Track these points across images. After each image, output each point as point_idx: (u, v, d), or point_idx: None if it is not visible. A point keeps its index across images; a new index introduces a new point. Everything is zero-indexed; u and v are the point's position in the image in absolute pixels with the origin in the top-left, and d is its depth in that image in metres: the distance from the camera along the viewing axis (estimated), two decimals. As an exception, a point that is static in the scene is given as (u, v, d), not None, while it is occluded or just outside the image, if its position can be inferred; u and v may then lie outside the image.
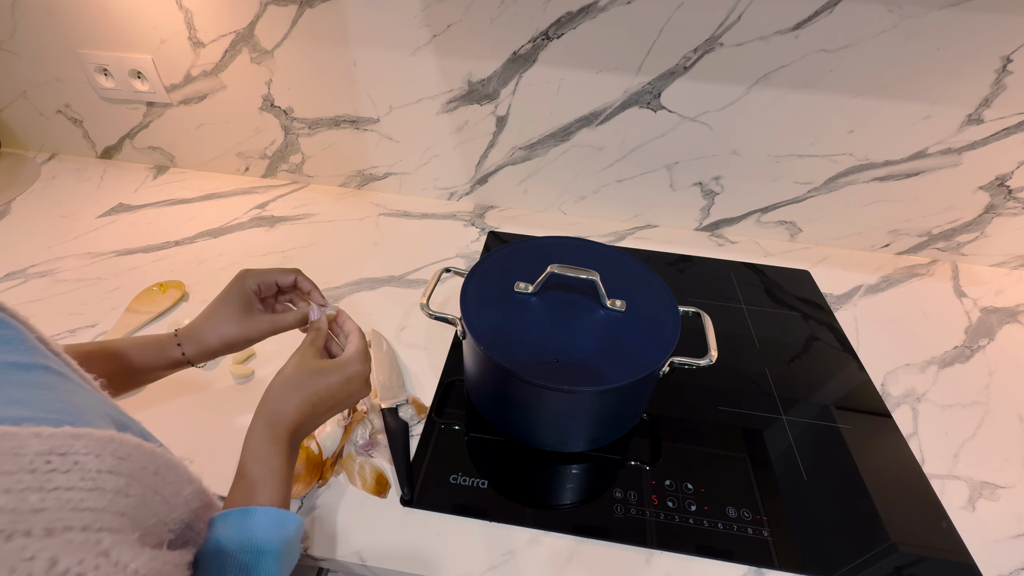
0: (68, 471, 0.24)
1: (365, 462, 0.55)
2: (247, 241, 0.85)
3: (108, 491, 0.25)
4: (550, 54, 0.76)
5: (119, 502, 0.25)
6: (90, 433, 0.25)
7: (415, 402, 0.61)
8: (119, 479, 0.26)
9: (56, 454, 0.24)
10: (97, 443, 0.25)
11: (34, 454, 0.23)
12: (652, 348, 0.52)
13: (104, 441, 0.26)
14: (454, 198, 0.97)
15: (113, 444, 0.26)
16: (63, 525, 0.22)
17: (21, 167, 0.98)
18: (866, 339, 0.75)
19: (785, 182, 0.85)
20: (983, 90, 0.71)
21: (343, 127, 0.90)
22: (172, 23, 0.81)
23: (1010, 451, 0.62)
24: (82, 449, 0.25)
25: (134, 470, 0.27)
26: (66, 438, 0.24)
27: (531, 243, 0.64)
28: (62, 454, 0.24)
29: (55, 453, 0.23)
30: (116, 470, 0.26)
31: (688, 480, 0.56)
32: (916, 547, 0.52)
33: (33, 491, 0.22)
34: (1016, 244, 0.86)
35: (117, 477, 0.26)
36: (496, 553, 0.50)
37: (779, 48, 0.71)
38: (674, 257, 0.88)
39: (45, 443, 0.23)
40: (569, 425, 0.56)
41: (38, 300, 0.72)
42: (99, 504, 0.24)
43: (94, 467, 0.25)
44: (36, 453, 0.23)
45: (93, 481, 0.24)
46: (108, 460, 0.26)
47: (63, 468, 0.23)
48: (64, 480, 0.23)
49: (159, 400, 0.61)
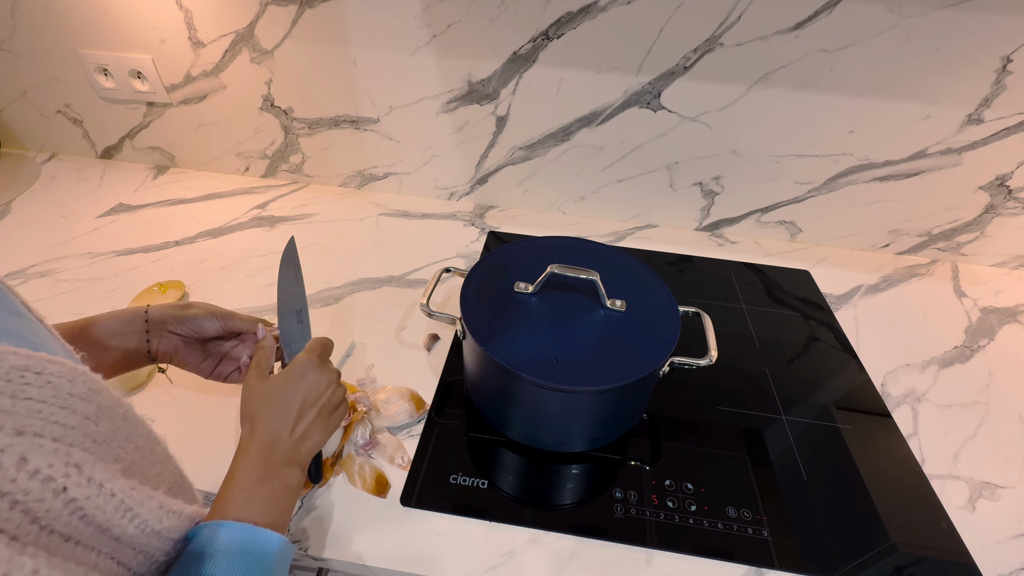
0: (41, 387, 0.24)
1: (365, 462, 0.55)
2: (247, 241, 0.85)
3: (79, 413, 0.26)
4: (550, 54, 0.76)
5: (90, 427, 0.26)
6: (65, 362, 0.26)
7: (414, 398, 0.61)
8: (89, 406, 0.26)
9: (31, 371, 0.24)
10: (71, 371, 0.26)
11: (9, 367, 0.23)
12: (652, 348, 0.52)
13: (78, 371, 0.27)
14: (454, 198, 0.97)
15: (86, 376, 0.27)
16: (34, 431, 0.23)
17: (21, 167, 0.98)
18: (866, 339, 0.75)
19: (785, 182, 0.85)
20: (983, 90, 0.71)
21: (343, 127, 0.90)
22: (172, 23, 0.81)
23: (1010, 451, 0.62)
24: (56, 372, 0.25)
25: (104, 405, 0.28)
26: (42, 360, 0.25)
27: (531, 243, 0.64)
28: (37, 372, 0.24)
29: (30, 371, 0.24)
30: (87, 398, 0.26)
31: (688, 480, 0.56)
32: (916, 547, 0.52)
33: (6, 396, 0.23)
34: (1016, 244, 0.86)
35: (88, 404, 0.26)
36: (496, 553, 0.50)
37: (779, 48, 0.71)
38: (674, 257, 0.88)
39: (21, 360, 0.24)
40: (569, 425, 0.56)
41: (38, 300, 0.72)
42: (70, 422, 0.25)
43: (66, 390, 0.25)
44: (12, 367, 0.24)
45: (65, 401, 0.25)
46: (80, 387, 0.26)
47: (37, 384, 0.24)
48: (37, 393, 0.24)
49: (152, 397, 0.61)
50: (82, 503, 0.24)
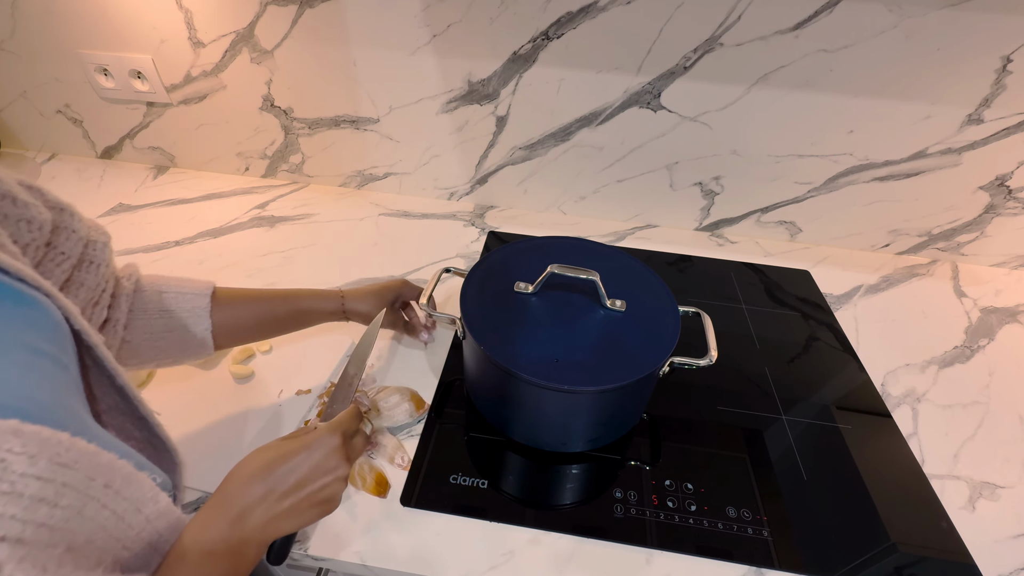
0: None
1: (365, 462, 0.55)
2: (247, 241, 0.85)
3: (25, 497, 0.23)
4: (550, 54, 0.76)
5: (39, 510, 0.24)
6: (38, 432, 0.24)
7: (414, 397, 0.61)
8: (46, 486, 0.24)
9: None
10: (38, 444, 0.24)
11: None
12: (652, 348, 0.52)
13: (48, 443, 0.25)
14: (454, 198, 0.97)
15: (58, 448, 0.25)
16: None
17: (21, 167, 0.98)
18: (866, 339, 0.75)
19: (785, 182, 0.85)
20: (983, 90, 0.71)
21: (343, 127, 0.90)
22: (172, 23, 0.81)
23: (1010, 451, 0.62)
24: (16, 447, 0.24)
25: (75, 479, 0.26)
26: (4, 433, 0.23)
27: (531, 243, 0.64)
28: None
29: None
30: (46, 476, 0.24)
31: (688, 480, 0.56)
32: (916, 547, 0.52)
33: None
34: (1016, 244, 0.86)
35: (44, 484, 0.24)
36: (496, 553, 0.50)
37: (779, 48, 0.71)
38: (674, 257, 0.88)
39: None
40: (569, 425, 0.56)
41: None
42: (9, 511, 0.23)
43: (20, 469, 0.23)
44: None
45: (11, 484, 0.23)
46: (42, 464, 0.24)
47: None
48: None
49: (157, 400, 0.61)
50: None
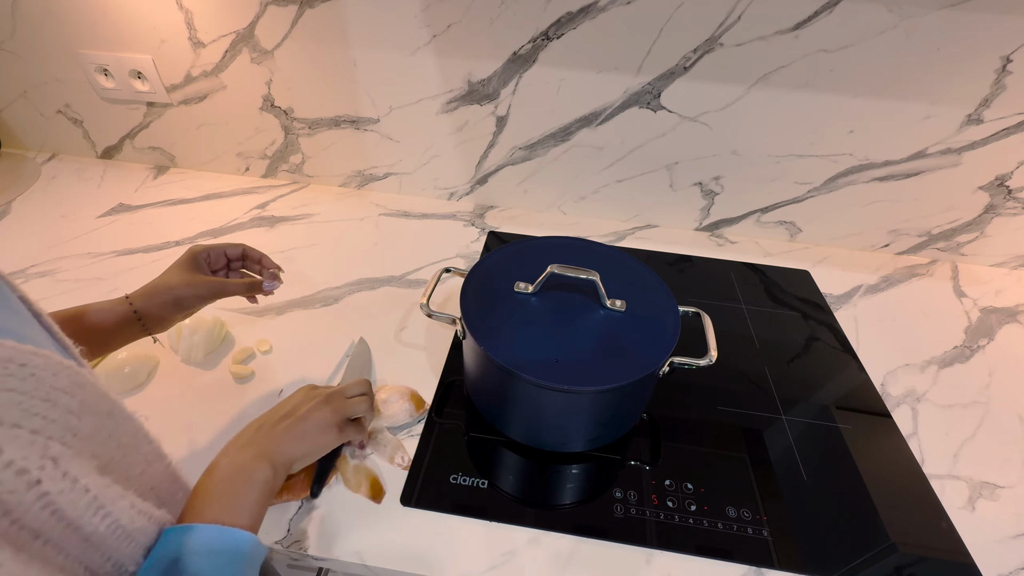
0: (24, 379, 0.24)
1: (359, 466, 0.55)
2: (247, 241, 0.84)
3: (60, 407, 0.25)
4: (550, 54, 0.76)
5: (71, 421, 0.26)
6: (51, 355, 0.26)
7: (414, 397, 0.61)
8: (72, 400, 0.26)
9: (15, 363, 0.24)
10: (56, 364, 0.26)
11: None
12: (652, 348, 0.52)
13: (63, 365, 0.26)
14: (454, 198, 0.97)
15: (71, 371, 0.27)
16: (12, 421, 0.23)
17: (21, 167, 0.98)
18: (866, 339, 0.75)
19: (785, 182, 0.85)
20: (983, 90, 0.71)
21: (343, 127, 0.90)
22: (172, 23, 0.81)
23: (1010, 451, 0.62)
24: (40, 365, 0.25)
25: (88, 400, 0.27)
26: (26, 352, 0.25)
27: (531, 243, 0.64)
28: (21, 364, 0.24)
29: (14, 362, 0.24)
30: (71, 392, 0.26)
31: (688, 480, 0.56)
32: (916, 547, 0.52)
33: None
34: (1016, 244, 0.86)
35: (71, 398, 0.26)
36: (496, 553, 0.50)
37: (779, 48, 0.71)
38: (674, 257, 0.88)
39: (5, 351, 0.24)
40: (569, 425, 0.56)
41: (38, 300, 0.71)
42: (51, 415, 0.25)
43: (49, 383, 0.25)
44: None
45: (47, 393, 0.25)
46: (63, 381, 0.26)
47: (19, 375, 0.24)
48: (18, 384, 0.24)
49: (157, 399, 0.61)
50: (55, 497, 0.24)
